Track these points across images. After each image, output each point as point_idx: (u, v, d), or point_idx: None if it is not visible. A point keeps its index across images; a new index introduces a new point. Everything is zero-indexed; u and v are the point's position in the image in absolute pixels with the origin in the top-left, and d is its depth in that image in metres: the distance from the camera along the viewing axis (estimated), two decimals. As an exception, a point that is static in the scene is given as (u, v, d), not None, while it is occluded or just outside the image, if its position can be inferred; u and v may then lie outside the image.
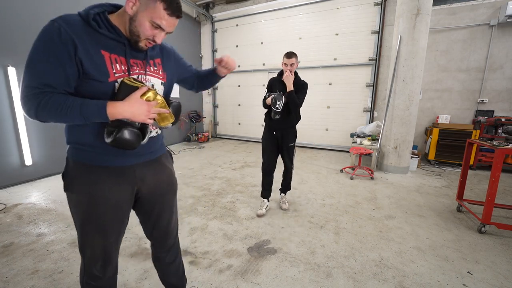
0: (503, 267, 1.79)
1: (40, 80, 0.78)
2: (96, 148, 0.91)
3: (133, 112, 0.84)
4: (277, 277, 1.65)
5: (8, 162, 3.17)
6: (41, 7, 3.37)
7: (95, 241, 0.98)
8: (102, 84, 0.84)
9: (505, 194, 3.23)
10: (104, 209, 0.95)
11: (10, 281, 1.59)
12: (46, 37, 0.78)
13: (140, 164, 1.01)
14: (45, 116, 0.80)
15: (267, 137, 2.53)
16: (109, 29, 0.85)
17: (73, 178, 0.94)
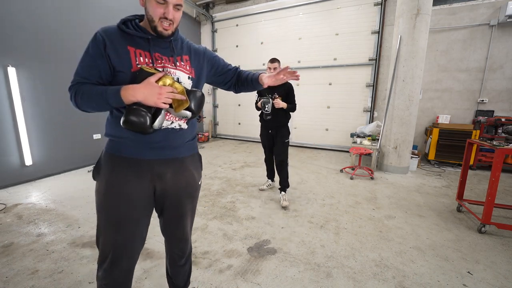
0: (503, 267, 1.79)
1: (79, 74, 0.94)
2: (120, 138, 0.98)
3: (145, 94, 0.88)
4: (277, 277, 1.65)
5: (8, 162, 3.17)
6: (41, 7, 3.37)
7: (107, 234, 1.00)
8: (125, 74, 0.94)
9: (505, 194, 3.23)
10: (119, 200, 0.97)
11: (10, 281, 1.59)
12: (89, 44, 0.94)
13: (160, 161, 1.02)
14: (81, 103, 0.93)
15: (264, 134, 2.95)
16: (136, 28, 0.97)
17: (100, 166, 1.02)
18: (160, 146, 1.00)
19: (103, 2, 4.14)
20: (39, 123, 3.45)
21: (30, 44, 3.29)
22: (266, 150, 3.05)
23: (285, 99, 2.70)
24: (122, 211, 0.98)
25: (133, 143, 0.98)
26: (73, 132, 3.87)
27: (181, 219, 1.14)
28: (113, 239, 0.99)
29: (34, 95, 3.37)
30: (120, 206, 0.97)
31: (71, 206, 2.67)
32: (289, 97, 2.74)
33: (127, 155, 0.99)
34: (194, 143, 1.15)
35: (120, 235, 0.99)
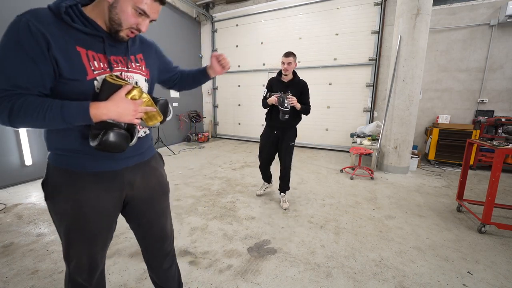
0: (503, 267, 1.79)
1: (10, 81, 0.69)
2: (81, 153, 0.85)
3: (119, 112, 0.78)
4: (277, 277, 1.65)
5: (8, 162, 3.17)
6: (41, 7, 3.37)
7: (81, 251, 0.92)
8: (80, 83, 0.77)
9: (505, 194, 3.23)
10: (92, 217, 0.89)
11: (10, 281, 1.59)
12: (14, 34, 0.69)
13: (129, 168, 0.95)
14: (19, 121, 0.71)
15: (268, 135, 2.63)
16: (84, 23, 0.77)
17: (56, 186, 0.86)
18: (127, 156, 0.94)
19: None
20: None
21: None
22: (263, 152, 2.71)
23: (298, 99, 2.44)
24: (96, 226, 0.91)
25: (97, 157, 0.87)
26: (73, 132, 3.87)
27: (162, 218, 1.12)
28: (90, 251, 0.94)
29: (34, 95, 3.37)
30: (94, 222, 0.90)
31: (71, 206, 2.66)
32: (303, 97, 2.48)
33: (93, 170, 0.87)
34: (152, 143, 1.12)
35: (96, 246, 0.95)
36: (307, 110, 2.50)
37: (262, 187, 3.02)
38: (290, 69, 2.41)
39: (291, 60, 2.36)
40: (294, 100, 2.32)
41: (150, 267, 1.20)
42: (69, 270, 0.96)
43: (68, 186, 0.86)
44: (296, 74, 2.52)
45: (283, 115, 2.31)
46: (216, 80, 7.27)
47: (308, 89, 2.52)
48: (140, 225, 1.08)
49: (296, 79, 2.51)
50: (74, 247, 0.92)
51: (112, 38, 0.83)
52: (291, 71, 2.45)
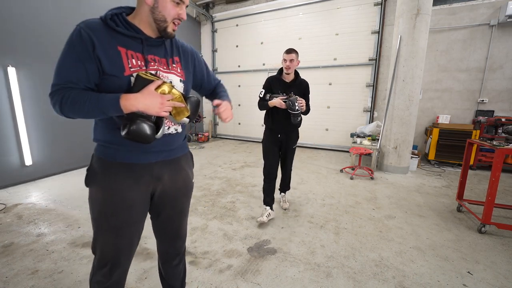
0: (503, 267, 1.79)
1: (63, 78, 0.84)
2: (116, 144, 0.94)
3: (146, 104, 0.85)
4: (277, 277, 1.65)
5: (8, 162, 3.17)
6: (42, 7, 3.37)
7: (107, 241, 0.98)
8: (118, 79, 0.87)
9: (505, 194, 3.23)
10: (119, 206, 0.95)
11: (10, 281, 1.59)
12: (70, 40, 0.84)
13: (158, 163, 1.01)
14: (68, 110, 0.84)
15: (271, 140, 2.39)
16: (126, 27, 0.89)
17: (95, 173, 0.96)
18: (157, 150, 1.00)
19: (104, 2, 4.14)
20: (39, 123, 3.45)
21: (30, 44, 3.29)
22: (269, 160, 2.38)
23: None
24: (123, 217, 0.97)
25: (130, 149, 0.95)
26: (73, 132, 3.87)
27: (180, 217, 1.17)
28: (114, 244, 0.98)
29: (34, 95, 3.37)
30: (121, 213, 0.96)
31: (71, 206, 2.67)
32: (305, 97, 2.31)
33: (125, 161, 0.95)
34: (185, 143, 1.17)
35: (121, 239, 0.99)
36: (308, 111, 2.35)
37: (265, 213, 2.35)
38: (292, 67, 2.20)
39: (294, 57, 2.15)
40: (303, 103, 2.14)
41: (161, 259, 1.25)
42: (94, 261, 1.02)
43: (103, 174, 0.95)
44: (298, 74, 2.34)
45: (295, 118, 2.13)
46: (216, 80, 7.26)
47: (309, 90, 2.39)
48: (159, 218, 1.12)
49: (299, 79, 2.33)
50: (101, 236, 0.98)
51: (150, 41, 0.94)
52: (294, 69, 2.25)
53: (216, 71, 7.21)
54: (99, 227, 0.98)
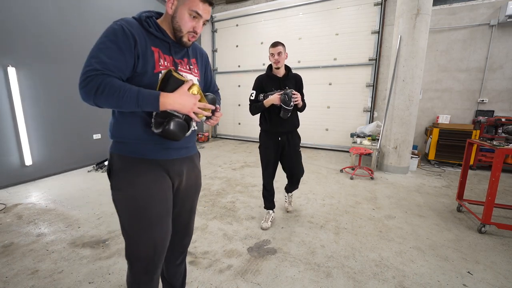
0: (503, 267, 1.79)
1: (103, 64, 0.83)
2: (143, 140, 0.96)
3: (182, 103, 0.90)
4: (277, 277, 1.65)
5: (8, 162, 3.17)
6: (42, 7, 3.37)
7: (146, 238, 0.98)
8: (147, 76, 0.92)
9: (505, 194, 3.23)
10: (153, 201, 0.97)
11: (10, 281, 1.59)
12: (112, 32, 0.86)
13: (178, 160, 1.05)
14: (103, 98, 0.82)
15: (270, 144, 2.18)
16: (157, 29, 0.95)
17: (120, 173, 0.95)
18: (178, 147, 1.04)
19: (104, 2, 4.15)
20: (39, 123, 3.45)
21: (30, 44, 3.29)
22: (269, 168, 2.24)
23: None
24: (157, 211, 0.98)
25: (156, 145, 0.98)
26: (73, 132, 3.87)
27: (190, 214, 1.20)
28: (153, 240, 0.99)
29: (34, 95, 3.37)
30: (156, 206, 0.97)
31: (71, 206, 2.67)
32: (300, 92, 2.15)
33: (152, 157, 0.97)
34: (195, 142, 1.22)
35: (158, 234, 1.00)
36: (304, 107, 2.17)
37: (268, 218, 2.34)
38: (282, 61, 2.06)
39: (281, 49, 2.01)
40: (299, 97, 1.98)
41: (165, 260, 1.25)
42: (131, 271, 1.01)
43: (130, 172, 0.95)
44: (289, 69, 2.19)
45: (285, 113, 2.00)
46: (216, 80, 7.27)
47: (303, 84, 2.23)
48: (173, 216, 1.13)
49: (291, 73, 2.18)
50: (138, 236, 0.97)
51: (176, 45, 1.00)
52: (283, 63, 2.10)
53: (216, 71, 7.21)
54: (134, 226, 0.97)
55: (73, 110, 3.83)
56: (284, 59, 2.08)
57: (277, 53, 2.02)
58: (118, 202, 0.98)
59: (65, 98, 3.72)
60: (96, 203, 2.74)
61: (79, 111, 3.92)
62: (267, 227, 2.28)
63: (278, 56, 2.02)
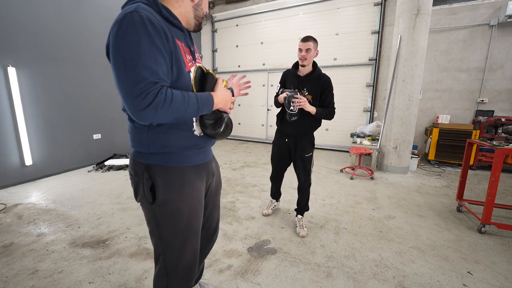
0: (503, 267, 1.79)
1: (155, 75, 0.71)
2: (188, 148, 0.91)
3: (226, 100, 0.89)
4: (277, 277, 1.65)
5: (8, 162, 3.17)
6: (42, 7, 3.37)
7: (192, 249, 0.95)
8: (182, 77, 0.82)
9: (505, 194, 3.23)
10: (198, 214, 0.95)
11: (10, 281, 1.59)
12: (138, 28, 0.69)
13: (211, 160, 1.06)
14: (166, 114, 0.73)
15: (279, 144, 2.14)
16: (175, 17, 0.84)
17: (169, 184, 0.87)
18: (209, 148, 1.04)
19: (104, 1, 4.15)
20: (39, 123, 3.45)
21: (30, 44, 3.29)
22: (274, 164, 2.26)
23: (317, 99, 1.95)
24: (199, 222, 0.97)
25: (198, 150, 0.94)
26: (73, 132, 3.87)
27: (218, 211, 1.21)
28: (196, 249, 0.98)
29: (34, 95, 3.37)
30: (199, 218, 0.97)
31: (71, 206, 2.67)
32: (324, 97, 1.94)
33: (195, 162, 0.93)
34: None
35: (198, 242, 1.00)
36: (329, 115, 1.93)
37: (270, 205, 2.49)
38: (309, 58, 1.86)
39: (311, 45, 1.82)
40: (303, 101, 1.82)
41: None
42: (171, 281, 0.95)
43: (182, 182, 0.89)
44: (316, 67, 1.97)
45: (290, 116, 1.91)
46: (216, 80, 7.27)
47: (331, 87, 1.95)
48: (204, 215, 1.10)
49: (316, 73, 1.94)
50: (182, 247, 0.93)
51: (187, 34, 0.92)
52: (311, 61, 1.89)
53: (216, 71, 7.21)
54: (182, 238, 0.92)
55: (73, 110, 3.83)
56: (313, 56, 1.90)
57: (306, 50, 1.84)
58: (163, 215, 0.89)
59: (65, 98, 3.72)
60: (96, 203, 2.74)
61: (79, 111, 3.92)
62: (267, 213, 2.43)
63: (306, 53, 1.85)
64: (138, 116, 0.72)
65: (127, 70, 0.68)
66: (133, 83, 0.68)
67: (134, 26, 0.69)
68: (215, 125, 0.89)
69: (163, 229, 0.90)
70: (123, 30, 0.69)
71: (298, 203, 2.28)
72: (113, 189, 3.11)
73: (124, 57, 0.68)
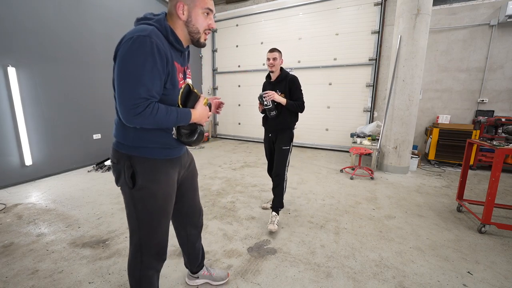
0: (503, 267, 1.79)
1: (149, 92, 0.88)
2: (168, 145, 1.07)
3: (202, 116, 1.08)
4: (277, 277, 1.65)
5: (8, 162, 3.17)
6: (42, 7, 3.37)
7: (163, 229, 1.12)
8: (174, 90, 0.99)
9: (505, 194, 3.23)
10: (171, 195, 1.11)
11: (10, 281, 1.59)
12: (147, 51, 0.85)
13: (183, 154, 1.21)
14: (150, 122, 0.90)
15: (265, 139, 2.51)
16: (178, 41, 0.99)
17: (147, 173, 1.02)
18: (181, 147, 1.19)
19: (104, 1, 4.14)
20: (39, 123, 3.45)
21: (30, 44, 3.29)
22: (267, 157, 2.57)
23: (288, 96, 2.27)
24: (171, 205, 1.14)
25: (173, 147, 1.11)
26: (73, 132, 3.87)
27: (197, 194, 1.39)
28: (167, 229, 1.14)
29: (34, 95, 3.37)
30: (172, 201, 1.13)
31: (71, 206, 2.67)
32: (293, 93, 2.26)
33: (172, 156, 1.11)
34: None
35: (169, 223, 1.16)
36: (299, 107, 2.25)
37: (270, 201, 2.66)
38: (276, 65, 2.24)
39: (277, 55, 2.21)
40: (271, 94, 2.16)
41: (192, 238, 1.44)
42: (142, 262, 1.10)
43: (155, 171, 1.04)
44: (282, 71, 2.32)
45: (269, 112, 2.26)
46: (216, 80, 7.27)
47: (298, 84, 2.28)
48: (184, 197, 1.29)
49: (282, 75, 2.30)
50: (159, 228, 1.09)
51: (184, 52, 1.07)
52: (278, 67, 2.28)
53: (216, 71, 7.22)
54: (156, 220, 1.08)
55: (73, 110, 3.83)
56: (280, 64, 2.29)
57: (273, 58, 2.22)
58: (140, 199, 1.03)
59: (65, 98, 3.72)
60: (96, 203, 2.74)
61: (79, 111, 3.92)
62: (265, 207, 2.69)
63: (273, 61, 2.23)
64: (127, 121, 0.89)
65: (129, 83, 0.85)
66: (130, 95, 0.85)
67: (144, 49, 0.85)
68: (189, 135, 1.08)
69: (139, 211, 1.05)
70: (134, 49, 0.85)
71: (273, 200, 2.40)
72: (113, 189, 3.11)
73: (129, 72, 0.85)
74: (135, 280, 1.13)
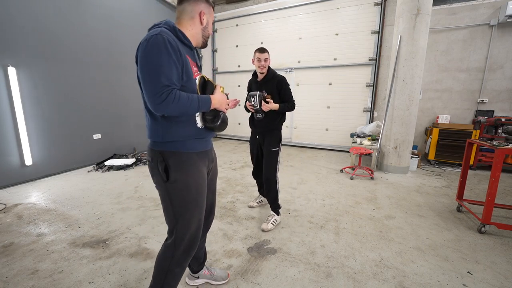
0: (503, 267, 1.79)
1: (169, 80, 0.98)
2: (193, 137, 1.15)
3: (221, 102, 1.17)
4: (277, 277, 1.65)
5: (8, 162, 3.17)
6: (41, 7, 3.37)
7: (197, 223, 1.17)
8: (190, 82, 1.09)
9: (505, 194, 3.23)
10: (203, 189, 1.18)
11: (10, 281, 1.59)
12: (161, 46, 0.97)
13: (211, 149, 1.30)
14: (175, 108, 0.99)
15: (252, 141, 2.43)
16: (185, 37, 1.11)
17: (180, 166, 1.10)
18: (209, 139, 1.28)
19: (104, 1, 4.14)
20: (39, 123, 3.45)
21: (30, 44, 3.29)
22: (253, 160, 2.49)
23: (277, 97, 2.20)
24: (204, 196, 1.20)
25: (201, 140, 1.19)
26: (73, 132, 3.87)
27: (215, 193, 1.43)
28: (200, 219, 1.20)
29: (34, 95, 3.37)
30: (204, 192, 1.20)
31: (71, 206, 2.67)
32: (282, 93, 2.20)
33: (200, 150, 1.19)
34: None
35: (202, 214, 1.21)
36: (289, 108, 2.22)
37: (256, 199, 2.71)
38: (266, 66, 2.17)
39: (267, 56, 2.13)
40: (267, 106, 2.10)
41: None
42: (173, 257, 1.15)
43: (187, 164, 1.12)
44: (269, 70, 2.22)
45: (256, 114, 2.19)
46: (216, 80, 7.27)
47: (287, 85, 2.22)
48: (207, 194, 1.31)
49: (270, 74, 2.21)
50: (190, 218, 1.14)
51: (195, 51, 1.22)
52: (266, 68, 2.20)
53: (216, 71, 7.21)
54: (190, 212, 1.14)
55: (73, 110, 3.83)
56: (268, 64, 2.21)
57: (264, 59, 2.13)
58: (174, 191, 1.11)
59: (65, 98, 3.72)
60: (96, 203, 2.74)
61: (79, 111, 3.92)
62: (251, 205, 2.68)
63: (264, 62, 2.15)
64: (155, 108, 0.98)
65: (150, 76, 0.97)
66: (154, 86, 0.96)
67: (158, 45, 0.97)
68: (213, 120, 1.15)
69: (175, 203, 1.12)
70: (150, 47, 0.97)
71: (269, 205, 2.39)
72: (113, 189, 3.11)
73: (149, 66, 0.97)
74: (161, 272, 1.16)
